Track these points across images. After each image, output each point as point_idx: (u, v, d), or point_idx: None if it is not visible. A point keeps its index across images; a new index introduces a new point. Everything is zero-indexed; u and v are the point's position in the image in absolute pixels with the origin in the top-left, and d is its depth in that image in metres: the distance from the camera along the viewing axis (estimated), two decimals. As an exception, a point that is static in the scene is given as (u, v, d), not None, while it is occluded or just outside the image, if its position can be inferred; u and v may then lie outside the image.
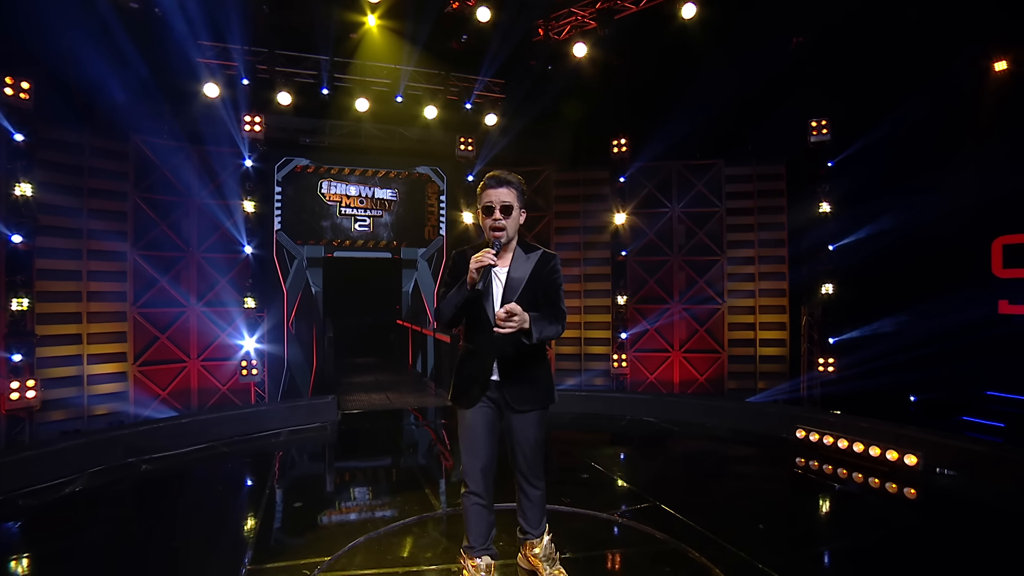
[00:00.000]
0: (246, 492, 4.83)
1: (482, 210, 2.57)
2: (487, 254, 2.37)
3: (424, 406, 7.61)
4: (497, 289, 2.61)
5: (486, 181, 2.57)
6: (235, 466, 5.39)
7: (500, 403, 2.65)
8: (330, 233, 9.88)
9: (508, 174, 2.58)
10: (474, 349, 2.66)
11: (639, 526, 3.93)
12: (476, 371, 2.62)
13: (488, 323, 2.55)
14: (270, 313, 9.17)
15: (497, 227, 2.51)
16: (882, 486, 4.63)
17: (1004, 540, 3.78)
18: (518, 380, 2.62)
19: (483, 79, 10.23)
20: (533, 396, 2.65)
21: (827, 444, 5.22)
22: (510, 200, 2.53)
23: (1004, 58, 8.04)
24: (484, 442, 2.67)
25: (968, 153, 8.23)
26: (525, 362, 2.63)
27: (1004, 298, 8.33)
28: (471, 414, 2.64)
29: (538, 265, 2.62)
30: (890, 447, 4.80)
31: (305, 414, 6.30)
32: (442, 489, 4.69)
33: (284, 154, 9.67)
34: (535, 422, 2.67)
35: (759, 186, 9.73)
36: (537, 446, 2.67)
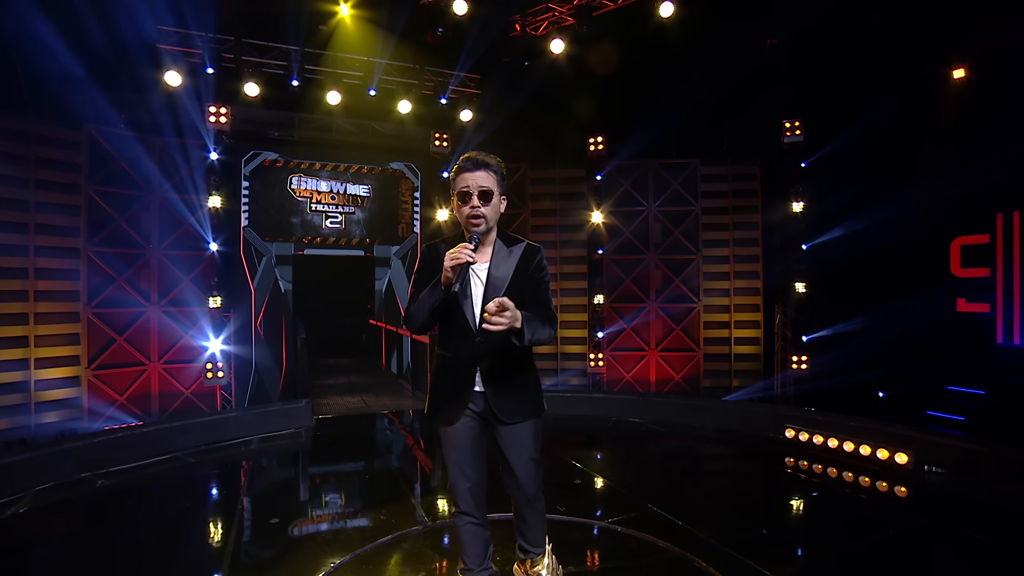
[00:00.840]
0: (216, 507, 4.38)
1: (457, 197, 2.22)
2: (464, 249, 2.03)
3: (401, 409, 7.24)
4: (477, 288, 2.28)
5: (461, 163, 2.21)
6: (203, 478, 4.92)
7: (486, 415, 2.34)
8: (300, 230, 9.39)
9: (486, 155, 2.22)
10: (452, 357, 2.32)
11: (639, 534, 3.70)
12: (456, 382, 2.31)
13: (467, 327, 2.25)
14: (237, 313, 8.62)
15: (475, 216, 2.16)
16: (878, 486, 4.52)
17: (1003, 538, 3.68)
18: (505, 389, 2.29)
19: (459, 74, 9.89)
20: (523, 406, 2.34)
21: (817, 443, 5.11)
22: (489, 185, 2.18)
23: (962, 66, 8.17)
24: (472, 460, 2.38)
25: (930, 157, 8.34)
26: (512, 369, 2.32)
27: (962, 296, 8.47)
28: (454, 430, 2.34)
29: (523, 260, 2.29)
30: (881, 446, 4.70)
31: (277, 420, 5.85)
32: (430, 499, 4.36)
33: (252, 147, 9.13)
34: (529, 435, 2.35)
35: (734, 186, 9.68)
36: (533, 461, 2.36)
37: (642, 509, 4.08)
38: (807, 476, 4.81)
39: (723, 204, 9.69)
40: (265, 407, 5.92)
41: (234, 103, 8.49)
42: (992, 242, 8.21)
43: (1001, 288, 8.13)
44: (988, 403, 8.14)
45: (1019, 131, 7.56)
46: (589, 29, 9.01)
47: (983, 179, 7.89)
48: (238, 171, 8.98)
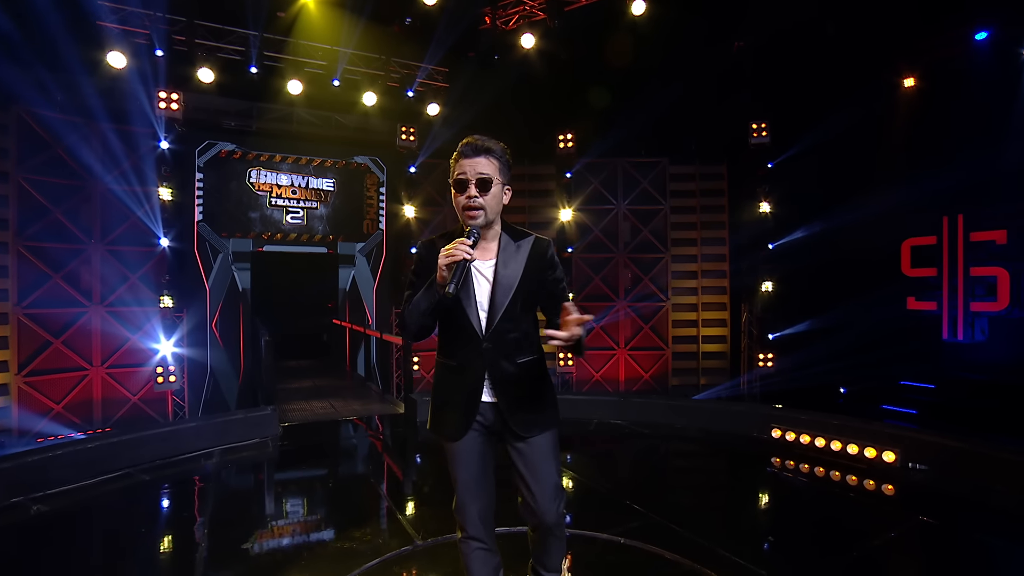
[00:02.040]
0: (176, 533, 3.82)
1: (453, 185, 1.95)
2: (461, 245, 1.78)
3: (372, 414, 6.74)
4: (482, 288, 1.99)
5: (460, 149, 1.95)
6: (159, 499, 4.32)
7: (496, 429, 2.06)
8: (259, 225, 8.69)
9: (487, 140, 1.95)
10: (457, 366, 2.03)
11: (644, 546, 3.44)
12: (463, 393, 2.02)
13: (472, 332, 1.97)
14: (190, 313, 7.91)
15: (472, 207, 1.89)
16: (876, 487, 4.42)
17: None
18: (519, 399, 2.02)
19: (426, 66, 9.43)
20: (540, 417, 2.06)
21: (804, 443, 5.00)
22: (489, 172, 1.91)
23: (911, 75, 8.34)
24: (481, 479, 2.08)
25: (885, 161, 8.49)
26: (526, 376, 2.04)
27: (912, 295, 8.69)
28: (461, 447, 2.05)
29: (532, 256, 2.02)
30: (868, 444, 4.62)
31: (241, 429, 5.28)
32: (418, 515, 3.95)
33: (206, 137, 8.39)
34: (548, 451, 2.06)
35: (701, 185, 9.62)
36: (554, 483, 2.06)
37: (642, 518, 3.82)
38: (800, 477, 4.68)
39: (691, 203, 9.62)
40: (227, 416, 5.32)
41: (187, 89, 7.76)
42: (939, 243, 8.44)
43: (946, 287, 8.36)
44: (937, 396, 8.36)
45: (963, 138, 7.77)
46: (561, 24, 8.74)
47: (931, 183, 8.07)
48: (191, 162, 8.23)
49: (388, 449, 5.84)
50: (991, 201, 7.85)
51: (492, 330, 1.97)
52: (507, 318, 1.97)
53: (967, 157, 7.80)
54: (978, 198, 7.92)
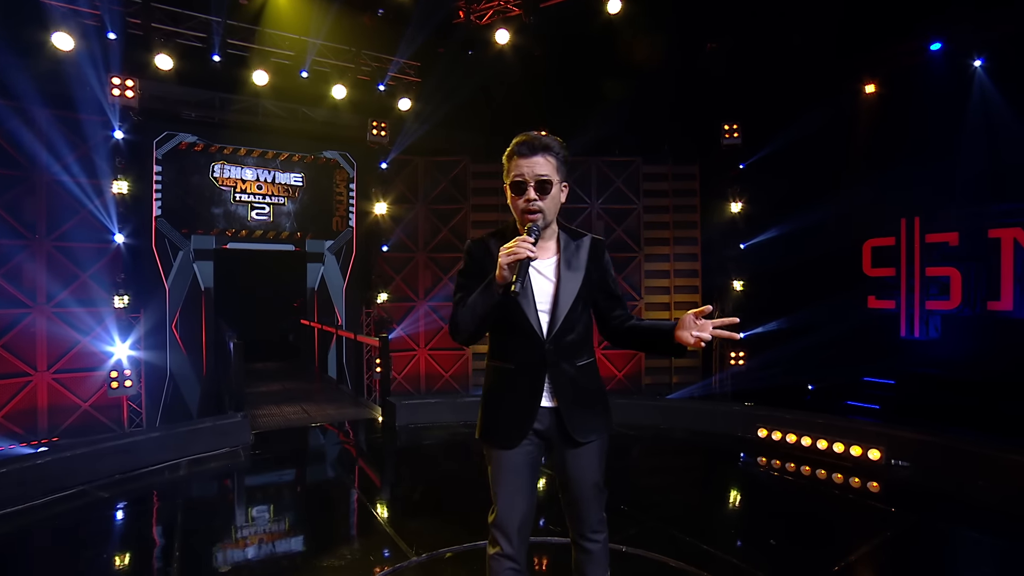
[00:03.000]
0: (141, 557, 3.42)
1: (510, 187, 1.83)
2: (523, 244, 1.68)
3: (348, 419, 6.39)
4: (543, 289, 1.90)
5: (515, 148, 1.82)
6: (121, 519, 3.90)
7: (551, 435, 1.94)
8: (223, 222, 8.18)
9: (545, 137, 1.82)
10: (516, 370, 1.92)
11: (648, 554, 3.29)
12: (520, 397, 1.91)
13: (533, 333, 1.87)
14: (147, 313, 7.37)
15: (531, 210, 1.79)
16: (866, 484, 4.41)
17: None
18: (579, 404, 1.92)
19: (398, 60, 9.09)
20: (598, 421, 1.97)
21: (790, 442, 4.98)
22: (547, 173, 1.79)
23: (872, 82, 8.54)
24: (527, 490, 1.95)
25: (850, 165, 8.66)
26: (584, 379, 1.95)
27: (872, 294, 8.91)
28: (513, 454, 1.92)
29: (592, 256, 1.95)
30: (854, 443, 4.62)
31: (209, 438, 4.86)
32: (408, 527, 3.68)
33: (165, 128, 7.83)
34: (598, 456, 1.98)
35: (674, 185, 9.62)
36: (598, 487, 1.99)
37: (639, 524, 3.68)
38: (791, 478, 4.64)
39: (664, 203, 9.61)
40: (194, 424, 4.89)
41: (143, 76, 7.22)
42: (897, 244, 8.68)
43: (904, 286, 8.60)
44: (897, 391, 8.59)
45: (919, 143, 7.99)
46: (536, 21, 8.56)
47: (890, 186, 8.30)
48: (149, 154, 7.67)
49: (368, 456, 5.53)
50: (945, 204, 8.09)
51: (555, 331, 1.87)
52: (569, 319, 1.89)
53: (923, 162, 8.02)
54: (933, 201, 8.16)
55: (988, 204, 7.82)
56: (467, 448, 5.66)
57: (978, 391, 7.72)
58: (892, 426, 4.88)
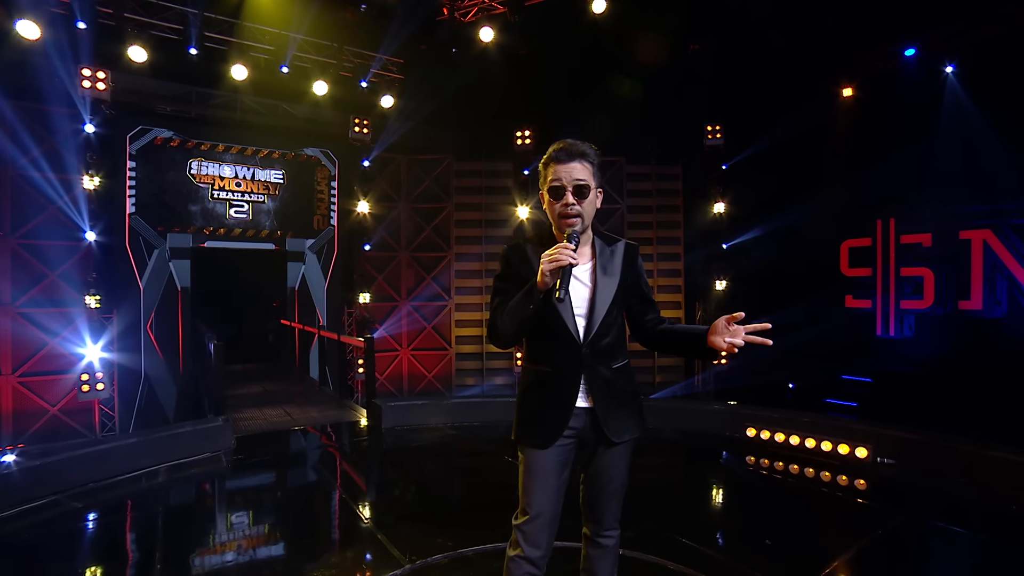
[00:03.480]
0: (119, 572, 3.26)
1: (548, 192, 1.89)
2: (564, 250, 1.71)
3: (333, 421, 6.21)
4: (580, 293, 1.95)
5: (553, 154, 1.89)
6: (96, 530, 3.69)
7: (585, 435, 2.00)
8: (200, 219, 7.91)
9: (581, 143, 1.89)
10: (553, 372, 1.96)
11: (644, 556, 3.25)
12: (557, 398, 1.95)
13: (570, 336, 1.91)
14: (120, 314, 7.10)
15: (570, 214, 1.84)
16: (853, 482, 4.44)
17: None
18: (615, 405, 1.98)
19: (381, 57, 8.93)
20: (632, 422, 2.03)
21: (778, 441, 5.00)
22: (585, 178, 1.85)
23: (850, 85, 8.67)
24: (557, 490, 1.98)
25: (829, 166, 8.78)
26: (620, 380, 2.01)
27: (849, 293, 9.06)
28: (547, 454, 1.95)
29: (627, 261, 2.01)
30: (841, 441, 4.66)
31: (190, 443, 4.67)
32: (399, 532, 3.57)
33: (139, 122, 7.54)
34: (627, 457, 2.08)
35: (658, 185, 9.64)
36: (624, 484, 2.09)
37: (634, 526, 3.61)
38: (781, 476, 4.65)
39: (648, 203, 9.62)
40: (173, 429, 4.68)
41: (116, 69, 6.95)
42: (873, 245, 8.84)
43: (880, 286, 8.76)
44: (874, 389, 8.75)
45: (895, 146, 8.13)
46: (521, 19, 8.50)
47: (867, 187, 8.43)
48: (122, 149, 7.38)
49: (354, 460, 5.39)
50: (919, 206, 8.26)
51: (591, 335, 1.92)
52: (605, 323, 1.94)
53: (899, 164, 8.17)
54: (908, 203, 8.31)
55: (960, 206, 8.00)
56: (457, 451, 5.56)
57: (949, 388, 7.90)
58: (878, 424, 4.93)
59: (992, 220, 7.85)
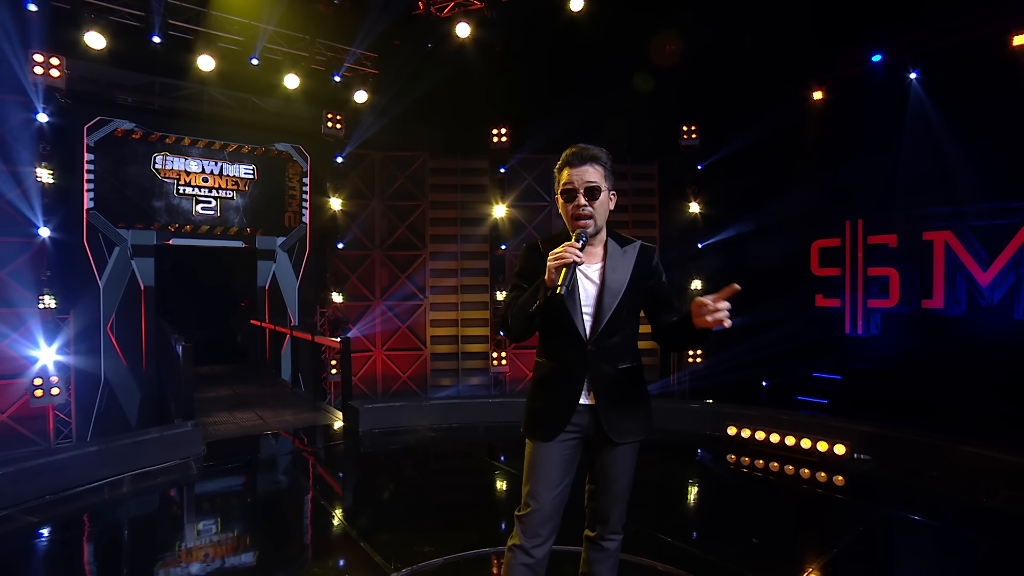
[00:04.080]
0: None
1: (561, 195, 1.99)
2: (571, 248, 1.78)
3: (308, 425, 5.99)
4: (589, 292, 2.01)
5: (565, 159, 1.99)
6: (53, 547, 3.44)
7: (589, 433, 2.04)
8: (165, 216, 7.57)
9: (593, 147, 1.99)
10: (559, 368, 2.02)
11: (633, 558, 3.21)
12: (561, 394, 2.01)
13: (576, 334, 1.98)
14: (77, 315, 6.73)
15: (582, 215, 1.93)
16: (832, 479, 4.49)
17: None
18: (619, 404, 2.02)
19: (355, 51, 8.71)
20: (636, 424, 2.05)
21: (759, 439, 5.04)
22: (596, 180, 1.95)
23: (819, 89, 8.87)
24: (557, 483, 2.01)
25: (800, 168, 8.94)
26: (625, 380, 2.03)
27: (819, 292, 9.26)
28: (549, 448, 2.01)
29: (640, 261, 2.06)
30: (820, 438, 4.72)
31: (156, 450, 4.41)
32: (382, 539, 3.44)
33: (98, 112, 7.17)
34: (631, 458, 2.09)
35: (634, 184, 9.67)
36: (629, 487, 2.11)
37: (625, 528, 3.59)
38: (762, 474, 4.68)
39: (624, 202, 9.63)
40: (138, 436, 4.41)
41: (72, 55, 6.59)
42: (842, 245, 9.05)
43: (848, 285, 8.98)
44: (843, 386, 8.96)
45: (862, 149, 8.34)
46: (498, 15, 8.41)
47: (836, 189, 8.61)
48: (79, 140, 6.99)
49: (333, 465, 5.21)
50: (885, 207, 8.49)
51: (597, 334, 1.96)
52: (612, 322, 1.97)
53: (866, 166, 8.39)
54: (875, 204, 8.53)
55: (923, 208, 8.25)
56: (438, 453, 5.44)
57: (912, 385, 8.14)
58: (854, 421, 5.02)
59: (953, 222, 8.11)
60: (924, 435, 4.74)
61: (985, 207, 7.77)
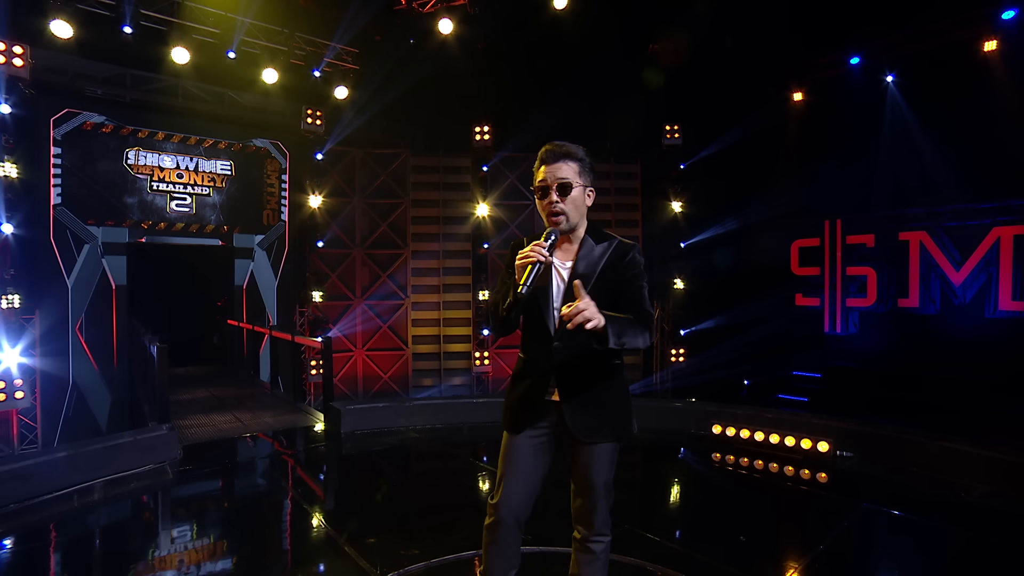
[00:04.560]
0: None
1: (536, 191, 2.01)
2: (537, 248, 1.82)
3: (286, 427, 5.87)
4: (560, 287, 2.03)
5: (541, 155, 1.99)
6: (17, 558, 3.31)
7: (558, 431, 2.05)
8: (137, 213, 7.34)
9: (568, 144, 1.99)
10: (530, 362, 2.07)
11: (622, 559, 3.18)
12: (530, 390, 2.05)
13: (546, 330, 2.00)
14: (43, 315, 6.50)
15: (554, 212, 1.94)
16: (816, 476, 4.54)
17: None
18: (584, 403, 2.01)
19: (335, 46, 8.59)
20: (604, 424, 2.02)
21: (743, 438, 5.06)
22: (569, 177, 1.95)
23: (800, 90, 9.01)
24: (526, 476, 2.04)
25: (781, 168, 9.07)
26: (594, 380, 2.02)
27: (799, 291, 9.41)
28: (517, 440, 2.07)
29: (612, 258, 2.03)
30: (804, 436, 4.77)
31: (130, 455, 4.26)
32: (368, 544, 3.37)
33: (65, 104, 6.92)
34: (604, 458, 2.03)
35: (616, 183, 9.70)
36: (604, 489, 2.04)
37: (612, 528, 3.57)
38: (747, 472, 4.70)
39: (606, 201, 9.67)
40: (111, 440, 4.25)
41: (37, 44, 6.36)
42: (821, 245, 9.21)
43: (827, 285, 9.13)
44: (823, 384, 9.11)
45: (841, 150, 8.49)
46: (481, 12, 8.36)
47: (816, 189, 8.76)
48: (45, 133, 6.74)
49: (314, 468, 5.10)
50: (863, 208, 8.65)
51: (563, 328, 1.91)
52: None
53: (845, 167, 8.53)
54: (853, 205, 8.69)
55: (900, 209, 8.43)
56: (422, 454, 5.36)
57: (888, 382, 8.32)
58: (836, 419, 5.08)
59: (928, 222, 8.30)
60: (904, 432, 4.81)
61: (958, 208, 7.97)
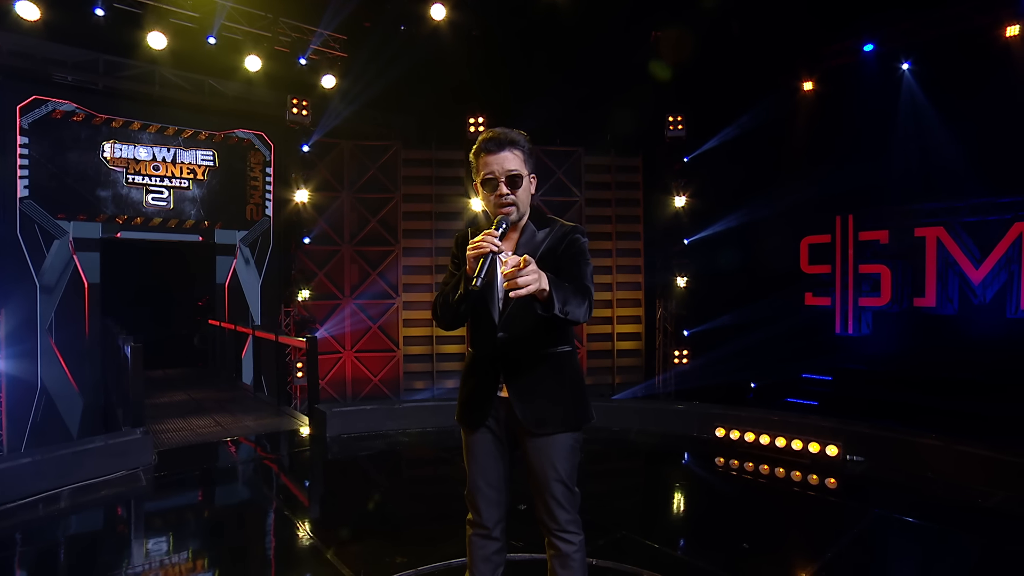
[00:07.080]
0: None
1: (481, 184, 2.01)
2: (488, 237, 1.79)
3: (270, 431, 5.81)
4: (502, 278, 1.97)
5: (481, 145, 1.98)
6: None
7: (511, 425, 2.06)
8: (111, 207, 7.29)
9: (510, 131, 1.99)
10: (478, 356, 2.11)
11: (619, 566, 3.17)
12: (479, 384, 2.10)
13: (492, 324, 2.02)
14: (9, 314, 6.45)
15: (506, 204, 1.96)
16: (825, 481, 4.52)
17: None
18: (531, 394, 2.02)
19: (322, 32, 8.55)
20: (553, 414, 2.02)
21: (748, 441, 5.04)
22: (516, 167, 1.97)
23: (810, 79, 8.97)
24: (488, 473, 2.10)
25: (789, 161, 9.04)
26: (542, 369, 2.04)
27: (809, 291, 9.37)
28: (475, 439, 2.11)
29: (552, 241, 2.05)
30: (811, 439, 4.75)
31: (100, 460, 4.21)
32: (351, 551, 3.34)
33: (32, 91, 6.87)
34: (560, 449, 2.03)
35: (617, 177, 9.66)
36: (559, 483, 2.02)
37: (607, 534, 3.54)
38: (751, 477, 4.68)
39: (606, 195, 9.64)
40: (80, 444, 4.20)
41: (2, 27, 6.32)
42: (832, 242, 9.17)
43: (839, 283, 9.10)
44: (834, 387, 9.08)
45: (853, 142, 8.45)
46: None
47: (827, 183, 8.71)
48: (11, 121, 6.69)
49: (297, 473, 5.07)
50: (876, 203, 8.61)
51: (506, 318, 1.98)
52: (520, 307, 1.93)
53: (857, 160, 8.49)
54: (866, 200, 8.64)
55: (915, 203, 8.39)
56: (412, 459, 5.34)
57: (903, 385, 8.29)
58: (846, 422, 5.07)
59: (945, 218, 8.26)
60: (918, 435, 4.79)
61: (977, 202, 7.93)
